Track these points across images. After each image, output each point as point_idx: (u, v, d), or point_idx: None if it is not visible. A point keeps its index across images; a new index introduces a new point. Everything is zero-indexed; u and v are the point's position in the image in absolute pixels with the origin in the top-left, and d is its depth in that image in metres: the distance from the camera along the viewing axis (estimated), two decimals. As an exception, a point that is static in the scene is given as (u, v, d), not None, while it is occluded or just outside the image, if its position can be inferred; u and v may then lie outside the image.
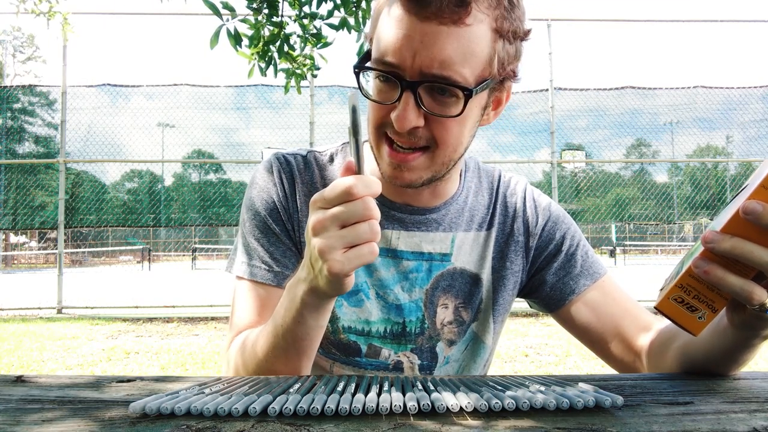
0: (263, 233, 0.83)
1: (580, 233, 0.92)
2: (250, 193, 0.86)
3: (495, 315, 0.88)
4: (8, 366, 4.05)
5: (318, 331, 0.67)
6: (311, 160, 0.87)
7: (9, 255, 26.70)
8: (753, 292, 0.49)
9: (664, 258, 24.98)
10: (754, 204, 0.47)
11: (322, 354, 0.85)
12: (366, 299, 0.84)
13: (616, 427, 0.40)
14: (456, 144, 0.72)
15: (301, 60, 3.24)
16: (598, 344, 0.86)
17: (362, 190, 0.53)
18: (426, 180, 0.75)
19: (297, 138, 7.94)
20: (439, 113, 0.68)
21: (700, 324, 0.53)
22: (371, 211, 0.54)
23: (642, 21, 8.92)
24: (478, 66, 0.66)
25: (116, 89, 8.01)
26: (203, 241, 28.00)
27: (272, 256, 0.82)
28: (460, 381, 0.56)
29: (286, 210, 0.83)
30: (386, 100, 0.69)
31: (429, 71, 0.65)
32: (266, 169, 0.86)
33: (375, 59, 0.69)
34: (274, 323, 0.67)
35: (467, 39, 0.64)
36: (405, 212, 0.84)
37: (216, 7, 2.64)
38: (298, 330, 0.65)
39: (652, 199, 8.44)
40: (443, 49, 0.64)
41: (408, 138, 0.70)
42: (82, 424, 0.42)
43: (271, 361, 0.69)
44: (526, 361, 4.13)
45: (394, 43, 0.65)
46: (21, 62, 37.81)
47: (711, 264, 0.50)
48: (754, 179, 0.51)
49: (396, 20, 0.66)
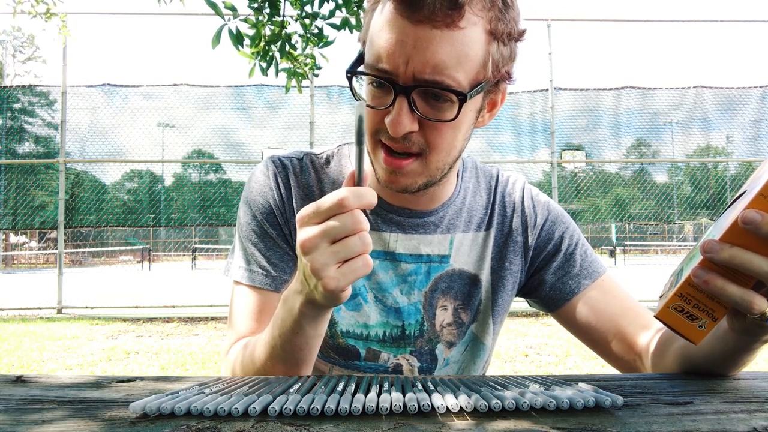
0: (260, 237, 0.83)
1: (579, 232, 0.92)
2: (246, 196, 0.86)
3: (494, 315, 0.88)
4: (8, 366, 4.05)
5: (317, 340, 0.67)
6: (307, 163, 0.87)
7: (9, 255, 26.69)
8: (753, 301, 0.49)
9: (664, 258, 24.97)
10: (753, 213, 0.47)
11: (320, 358, 0.85)
12: (364, 303, 0.83)
13: (616, 427, 0.40)
14: (449, 148, 0.72)
15: (302, 59, 3.24)
16: (598, 343, 0.85)
17: (354, 203, 0.53)
18: (421, 185, 0.74)
19: (297, 138, 7.94)
20: (434, 118, 0.67)
21: (701, 333, 0.53)
22: (361, 224, 0.53)
23: (642, 21, 8.91)
24: (472, 69, 0.66)
25: (116, 89, 8.01)
26: (203, 241, 28.00)
27: (269, 260, 0.82)
28: (460, 381, 0.56)
29: (282, 213, 0.83)
30: (380, 105, 0.69)
31: (422, 76, 0.64)
32: (262, 172, 0.86)
33: (368, 64, 0.68)
34: (272, 333, 0.67)
35: (461, 43, 0.63)
36: (403, 215, 0.84)
37: (217, 7, 2.64)
38: (297, 340, 0.64)
39: (652, 199, 8.44)
40: (436, 53, 0.63)
41: (402, 143, 0.69)
42: (82, 424, 0.42)
43: (269, 370, 0.68)
44: (526, 361, 4.13)
45: (387, 48, 0.65)
46: (21, 62, 37.82)
47: (710, 273, 0.50)
48: (753, 185, 0.51)
49: (388, 24, 0.65)
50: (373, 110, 0.70)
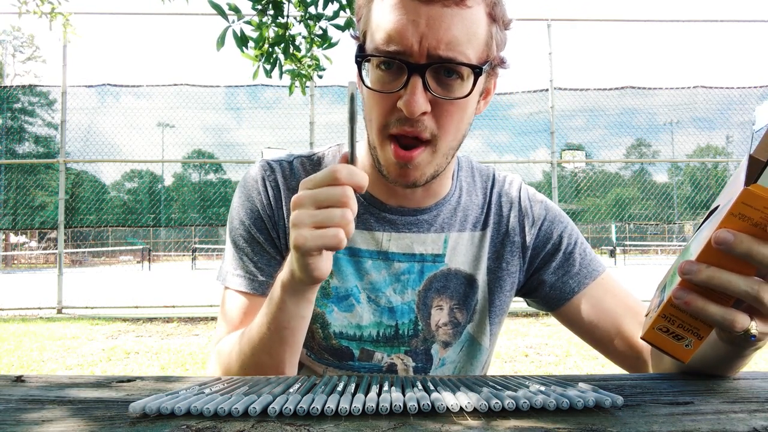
0: (248, 243, 0.83)
1: (578, 231, 0.92)
2: (235, 202, 0.86)
3: (491, 316, 0.88)
4: (8, 366, 4.05)
5: (300, 322, 0.68)
6: (297, 166, 0.87)
7: (9, 255, 26.70)
8: (734, 320, 0.49)
9: (664, 258, 24.97)
10: (725, 234, 0.47)
11: (314, 360, 0.85)
12: (357, 304, 0.83)
13: (616, 427, 0.40)
14: (456, 132, 0.73)
15: (306, 61, 3.24)
16: (600, 342, 0.85)
17: (345, 177, 0.56)
18: (429, 176, 0.75)
19: (297, 138, 7.94)
20: (447, 96, 0.68)
21: (688, 351, 0.53)
22: (348, 199, 0.56)
23: (642, 21, 8.91)
24: (479, 47, 0.68)
25: (116, 89, 8.01)
26: (203, 241, 27.99)
27: (257, 265, 0.82)
28: (460, 381, 0.56)
29: (271, 218, 0.83)
30: (391, 89, 0.69)
31: (436, 53, 0.65)
32: (251, 177, 0.86)
33: (376, 48, 0.68)
34: (259, 315, 0.70)
35: (469, 20, 0.66)
36: (396, 214, 0.83)
37: (222, 9, 2.64)
38: (281, 316, 0.66)
39: (652, 199, 8.44)
40: (449, 30, 0.65)
41: (414, 127, 0.69)
42: (82, 424, 0.42)
43: (257, 354, 0.69)
44: (526, 361, 4.13)
45: (398, 29, 0.65)
46: (21, 62, 37.84)
47: (690, 294, 0.50)
48: (724, 201, 0.50)
49: (396, 6, 0.66)
50: (381, 100, 0.70)
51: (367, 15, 0.72)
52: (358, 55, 0.71)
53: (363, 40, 0.73)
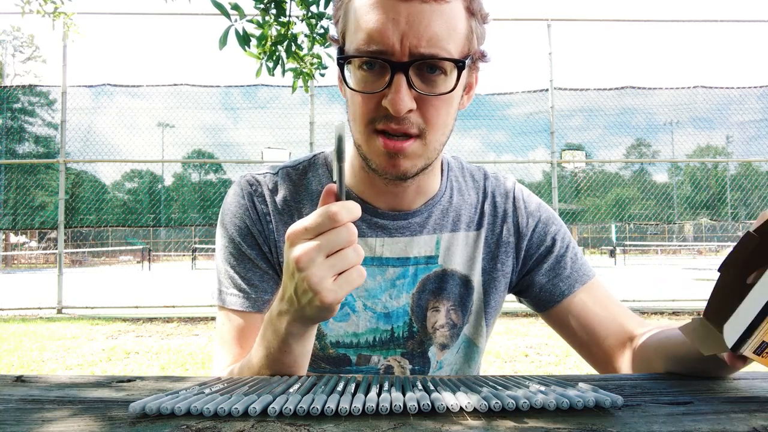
0: (238, 260, 0.82)
1: (570, 234, 0.92)
2: (222, 219, 0.84)
3: (487, 317, 0.88)
4: (8, 366, 4.05)
5: (306, 357, 0.66)
6: (283, 177, 0.86)
7: (9, 255, 26.69)
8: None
9: (664, 258, 24.97)
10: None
11: (311, 369, 0.84)
12: (352, 312, 0.82)
13: (616, 427, 0.40)
14: (444, 126, 0.73)
15: (308, 59, 3.24)
16: (584, 346, 0.85)
17: (346, 216, 0.53)
18: (419, 168, 0.74)
19: (297, 138, 7.93)
20: (431, 92, 0.68)
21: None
22: (354, 236, 0.54)
23: (642, 21, 8.90)
24: (460, 42, 0.68)
25: (116, 89, 8.01)
26: (203, 241, 27.97)
27: (249, 282, 0.81)
28: (460, 381, 0.56)
29: (261, 233, 0.82)
30: (375, 89, 0.68)
31: (418, 50, 0.65)
32: (236, 193, 0.84)
33: (357, 49, 0.67)
34: (258, 356, 0.66)
35: (449, 15, 0.66)
36: (388, 218, 0.83)
37: (224, 8, 2.64)
38: (286, 359, 0.64)
39: (652, 199, 8.44)
40: (429, 26, 0.64)
41: (401, 124, 0.68)
42: (82, 424, 0.42)
43: None
44: (526, 361, 4.13)
45: (379, 28, 0.65)
46: (21, 62, 37.83)
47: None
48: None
49: (374, 5, 0.65)
50: (366, 98, 0.69)
51: (345, 16, 0.71)
52: (340, 57, 0.71)
53: (343, 41, 0.72)
